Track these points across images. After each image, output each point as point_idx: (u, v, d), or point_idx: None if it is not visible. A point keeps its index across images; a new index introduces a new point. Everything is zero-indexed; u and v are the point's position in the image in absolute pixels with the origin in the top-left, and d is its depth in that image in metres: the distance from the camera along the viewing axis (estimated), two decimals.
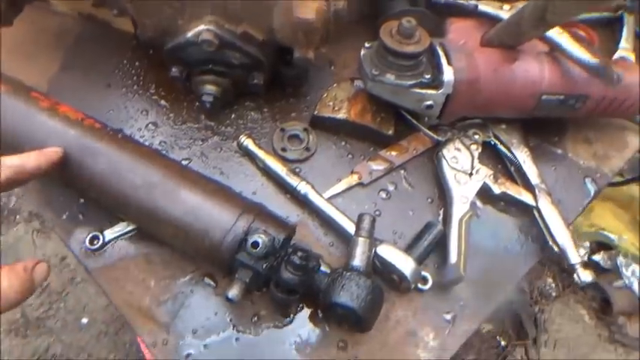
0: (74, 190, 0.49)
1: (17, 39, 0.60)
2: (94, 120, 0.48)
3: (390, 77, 0.51)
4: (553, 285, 1.59)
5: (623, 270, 1.44)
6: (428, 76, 0.52)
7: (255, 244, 0.42)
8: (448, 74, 0.51)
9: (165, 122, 0.57)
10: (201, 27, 0.51)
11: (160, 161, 0.47)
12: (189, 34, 0.51)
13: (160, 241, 0.49)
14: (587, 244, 1.55)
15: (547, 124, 0.61)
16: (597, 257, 1.52)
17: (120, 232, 0.50)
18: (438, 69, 0.52)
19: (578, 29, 0.69)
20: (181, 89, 0.59)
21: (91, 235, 0.49)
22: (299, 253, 0.43)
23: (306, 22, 0.48)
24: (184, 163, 0.55)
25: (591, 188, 0.59)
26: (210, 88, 0.55)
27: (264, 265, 0.43)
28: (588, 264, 0.49)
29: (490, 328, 1.49)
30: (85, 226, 0.50)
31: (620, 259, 1.46)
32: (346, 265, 0.47)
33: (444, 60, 0.52)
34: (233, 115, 0.59)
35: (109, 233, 0.50)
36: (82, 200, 0.51)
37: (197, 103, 0.58)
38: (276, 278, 0.44)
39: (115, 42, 0.62)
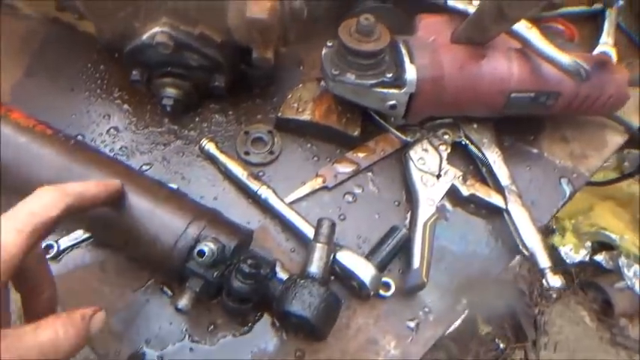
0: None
1: None
2: (46, 126, 0.47)
3: (350, 77, 0.50)
4: None
5: (625, 271, 1.41)
6: (390, 75, 0.50)
7: (201, 253, 0.41)
8: (410, 72, 0.49)
9: (127, 127, 0.56)
10: (156, 29, 0.49)
11: (111, 167, 0.46)
12: (145, 37, 0.50)
13: (115, 249, 0.48)
14: (589, 244, 1.51)
15: (522, 123, 0.59)
16: (599, 258, 1.49)
17: (75, 241, 0.49)
18: (400, 67, 0.50)
19: (557, 23, 0.67)
20: (145, 93, 0.58)
21: (45, 245, 0.49)
22: (248, 262, 0.42)
23: (258, 22, 0.46)
24: (145, 168, 0.54)
25: (567, 189, 0.57)
26: (170, 91, 0.54)
27: (215, 274, 0.42)
28: (557, 269, 0.47)
29: (488, 330, 1.46)
30: None
31: (622, 260, 1.42)
32: (302, 271, 0.45)
33: (406, 58, 0.50)
34: (197, 119, 0.58)
35: (65, 241, 0.49)
36: None
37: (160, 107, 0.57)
38: (227, 288, 0.43)
39: (81, 45, 0.61)
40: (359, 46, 0.48)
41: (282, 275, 0.46)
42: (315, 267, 0.45)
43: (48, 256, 0.48)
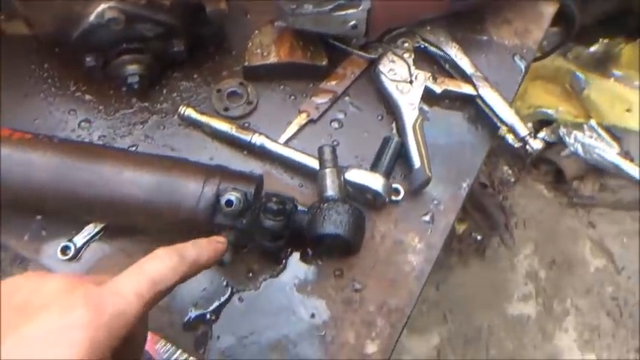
0: (27, 209, 0.47)
1: None
2: (23, 132, 0.46)
3: (308, 7, 0.51)
4: (510, 172, 1.68)
5: (567, 139, 1.53)
6: None
7: (229, 203, 0.42)
8: None
9: (98, 116, 0.55)
10: (102, 6, 0.48)
11: (106, 152, 0.45)
12: (92, 18, 0.48)
13: (133, 231, 0.48)
14: (530, 124, 1.62)
15: (467, 17, 0.62)
16: (542, 134, 1.60)
17: (90, 235, 0.49)
18: None
19: None
20: (102, 78, 0.56)
21: (61, 246, 0.48)
22: (274, 199, 0.44)
23: None
24: (131, 150, 0.53)
25: (521, 64, 0.62)
26: (132, 68, 0.52)
27: (244, 221, 0.44)
28: (534, 131, 0.53)
29: (464, 227, 1.57)
30: (52, 240, 0.49)
31: (562, 130, 1.54)
32: (321, 198, 0.48)
33: None
34: (165, 90, 0.57)
35: (79, 239, 0.48)
36: (38, 217, 0.49)
37: (124, 88, 0.56)
38: (260, 229, 0.44)
39: (15, 49, 0.57)
40: None
41: (302, 208, 0.48)
42: (331, 190, 0.47)
43: (66, 258, 0.48)
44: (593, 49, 1.64)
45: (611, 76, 1.56)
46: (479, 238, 1.57)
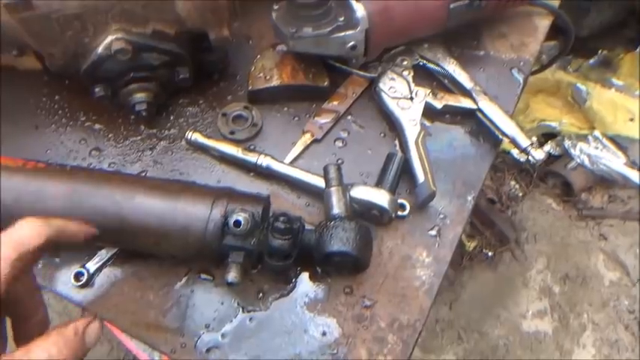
0: None
1: None
2: (36, 162, 0.47)
3: (308, 30, 0.52)
4: (517, 186, 1.67)
5: (572, 151, 1.53)
6: (342, 19, 0.53)
7: (238, 223, 0.43)
8: (360, 10, 0.53)
9: (107, 144, 0.56)
10: (110, 38, 0.50)
11: (116, 179, 0.46)
12: (100, 49, 0.50)
13: (145, 255, 0.49)
14: (535, 138, 1.63)
15: (464, 33, 0.64)
16: (547, 147, 1.60)
17: (102, 261, 0.49)
18: (348, 9, 0.53)
19: None
20: (111, 107, 0.57)
21: (74, 273, 0.49)
22: (281, 219, 0.44)
23: (209, 1, 0.48)
24: (141, 175, 0.54)
25: (519, 77, 0.63)
26: (140, 96, 0.54)
27: (252, 241, 0.44)
28: (539, 144, 0.53)
29: (474, 244, 1.56)
30: (65, 267, 0.49)
31: (567, 142, 1.55)
32: (327, 216, 0.48)
33: None
34: (172, 117, 0.58)
35: (92, 265, 0.49)
36: None
37: (132, 116, 0.57)
38: (268, 249, 0.45)
39: (27, 83, 0.60)
40: None
41: (309, 227, 0.49)
42: (338, 208, 0.48)
43: (79, 284, 0.48)
44: (592, 60, 1.66)
45: (611, 86, 1.57)
46: (490, 254, 1.56)
